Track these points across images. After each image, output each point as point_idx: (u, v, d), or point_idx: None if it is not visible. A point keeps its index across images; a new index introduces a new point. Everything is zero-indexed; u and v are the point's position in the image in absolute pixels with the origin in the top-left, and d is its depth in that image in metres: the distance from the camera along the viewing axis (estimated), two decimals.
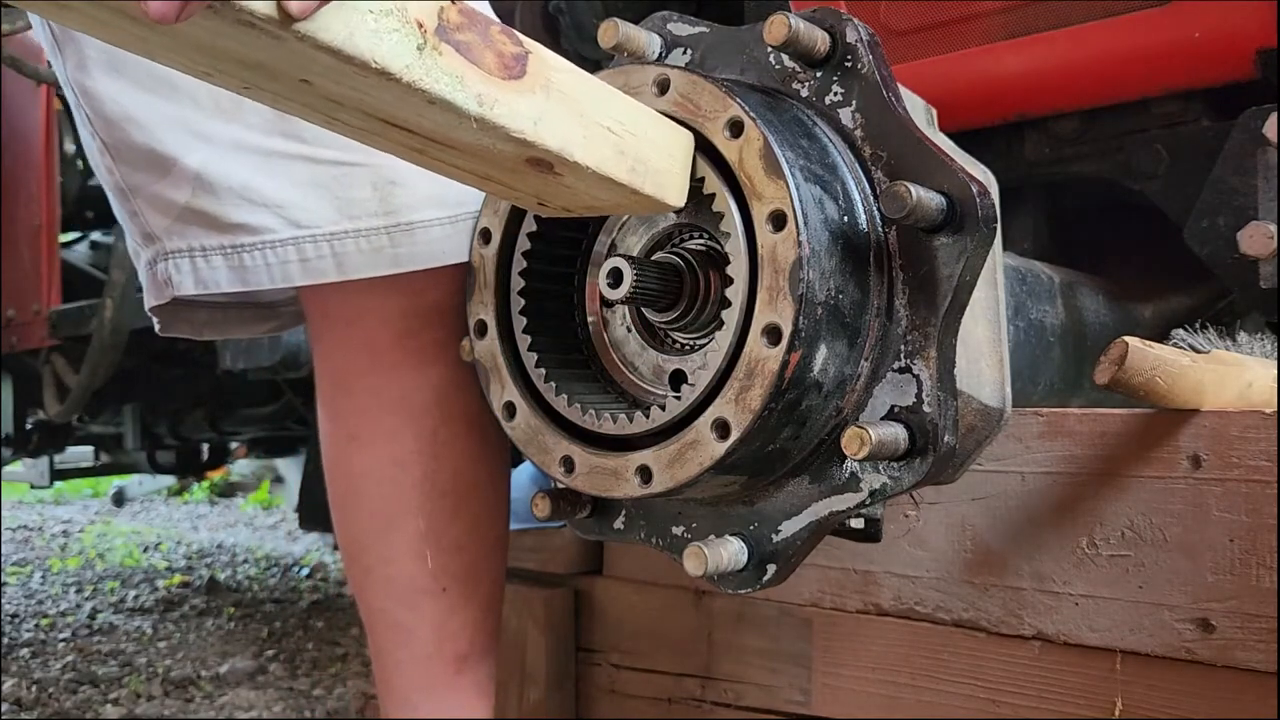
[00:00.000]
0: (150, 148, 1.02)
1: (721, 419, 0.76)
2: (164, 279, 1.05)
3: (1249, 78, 1.18)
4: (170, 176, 1.02)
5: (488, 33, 0.68)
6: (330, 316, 1.08)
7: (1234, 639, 0.93)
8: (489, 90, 0.67)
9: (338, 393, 1.11)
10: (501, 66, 0.68)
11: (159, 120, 1.01)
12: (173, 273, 1.04)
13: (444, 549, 1.09)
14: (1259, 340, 1.07)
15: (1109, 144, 1.32)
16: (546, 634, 1.37)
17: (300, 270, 1.01)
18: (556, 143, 0.70)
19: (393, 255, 1.00)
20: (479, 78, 0.66)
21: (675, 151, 0.78)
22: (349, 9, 0.60)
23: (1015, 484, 1.05)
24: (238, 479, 6.54)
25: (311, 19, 0.59)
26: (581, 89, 0.73)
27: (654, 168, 0.76)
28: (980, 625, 1.07)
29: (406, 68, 0.63)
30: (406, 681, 1.11)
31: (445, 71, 0.64)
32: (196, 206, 1.02)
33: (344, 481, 1.11)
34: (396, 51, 0.62)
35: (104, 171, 1.08)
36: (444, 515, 1.09)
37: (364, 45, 0.61)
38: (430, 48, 0.64)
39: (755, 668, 1.23)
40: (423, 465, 1.07)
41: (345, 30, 0.60)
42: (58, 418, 2.94)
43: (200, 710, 2.39)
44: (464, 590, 1.10)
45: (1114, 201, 1.43)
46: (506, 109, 0.67)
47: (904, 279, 0.78)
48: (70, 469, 4.19)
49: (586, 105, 0.72)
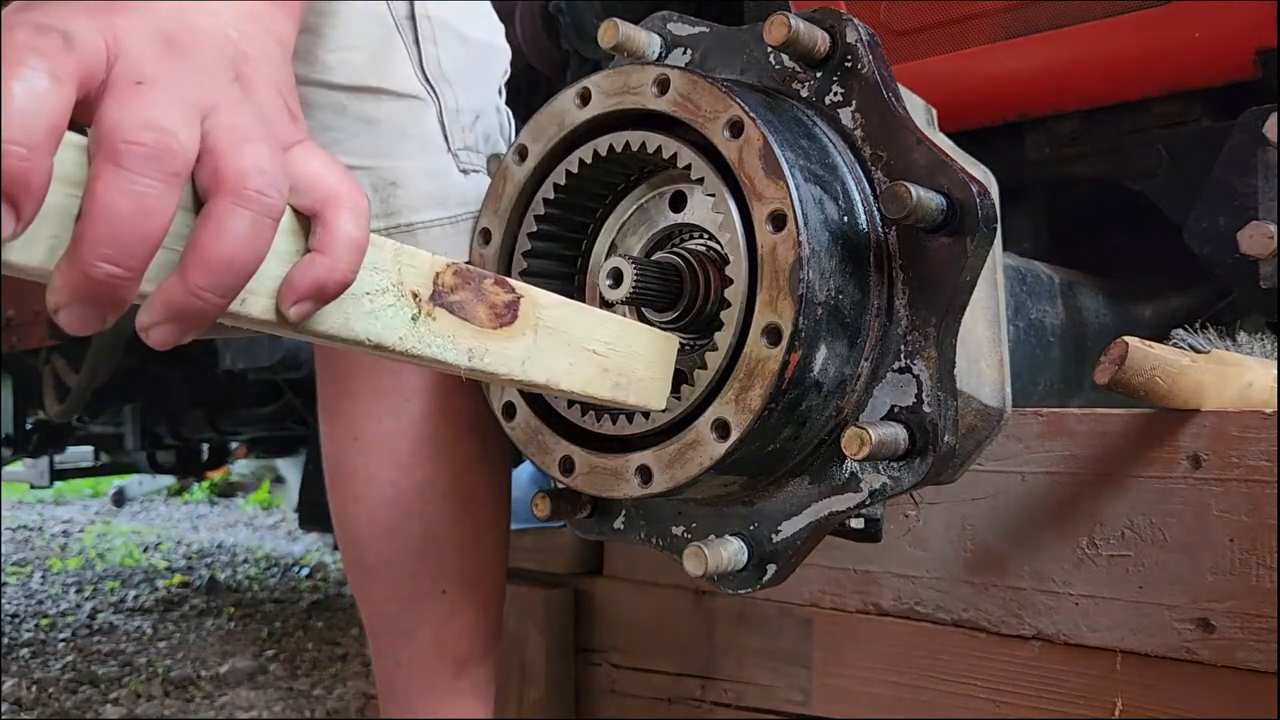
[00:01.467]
0: None
1: (721, 419, 0.76)
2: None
3: (1249, 78, 1.18)
4: None
5: (481, 288, 0.69)
6: None
7: (1234, 639, 0.93)
8: (479, 343, 0.69)
9: (340, 394, 1.11)
10: (493, 317, 0.70)
11: None
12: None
13: (445, 551, 1.09)
14: (1259, 340, 1.07)
15: (1109, 144, 1.32)
16: (546, 634, 1.37)
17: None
18: (543, 377, 0.73)
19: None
20: (471, 333, 0.68)
21: (658, 359, 0.81)
22: (348, 297, 0.62)
23: (1015, 484, 1.05)
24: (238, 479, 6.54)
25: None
26: (569, 320, 0.75)
27: (637, 378, 0.79)
28: (980, 625, 1.07)
29: (400, 339, 0.65)
30: (407, 683, 1.11)
31: (437, 335, 0.66)
32: None
33: (345, 482, 1.11)
34: (391, 325, 0.64)
35: None
36: (445, 517, 1.09)
37: (359, 328, 0.63)
38: (425, 315, 0.66)
39: (755, 668, 1.23)
40: (424, 468, 1.08)
41: (342, 318, 0.62)
42: (58, 418, 2.93)
43: (200, 710, 2.39)
44: (465, 592, 1.10)
45: (1114, 201, 1.43)
46: (496, 357, 0.70)
47: (904, 279, 0.78)
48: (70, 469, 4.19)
49: (574, 334, 0.75)
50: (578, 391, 0.75)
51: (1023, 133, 1.36)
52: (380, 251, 0.64)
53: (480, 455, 1.10)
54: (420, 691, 1.11)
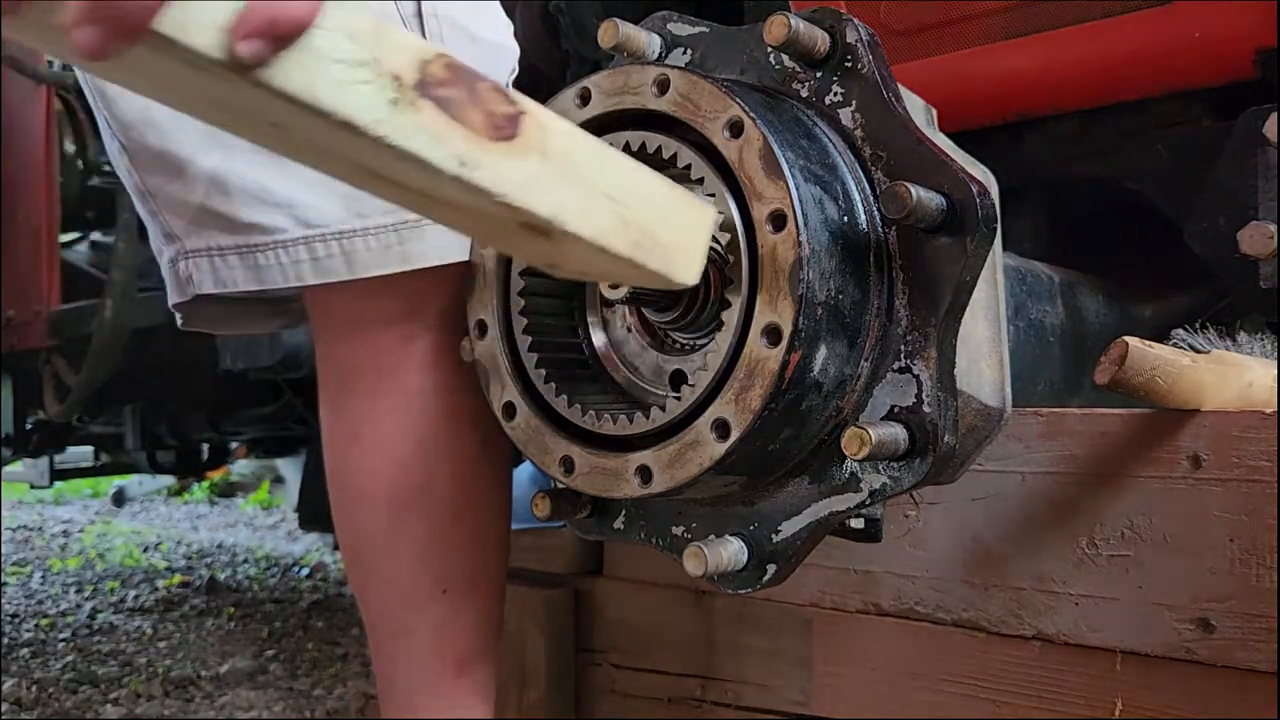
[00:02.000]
0: (166, 149, 1.03)
1: (721, 419, 0.76)
2: (185, 277, 1.07)
3: (1249, 78, 1.18)
4: (185, 178, 1.03)
5: (475, 89, 0.63)
6: (335, 316, 1.09)
7: (1234, 639, 0.93)
8: (472, 150, 0.62)
9: (341, 393, 1.11)
10: (490, 126, 0.63)
11: (174, 123, 1.02)
12: (193, 271, 1.06)
13: (446, 551, 1.09)
14: (1259, 340, 1.07)
15: (1109, 144, 1.32)
16: (546, 634, 1.37)
17: (312, 269, 1.02)
18: (547, 210, 0.65)
19: (401, 253, 1.01)
20: (461, 136, 0.61)
21: (692, 226, 0.72)
22: (314, 57, 0.57)
23: (1015, 484, 1.05)
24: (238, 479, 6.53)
25: (270, 64, 0.56)
26: (584, 154, 0.68)
27: (662, 241, 0.70)
28: (980, 625, 1.07)
29: (375, 122, 0.58)
30: (407, 683, 1.11)
31: (420, 129, 0.60)
32: (211, 207, 1.03)
33: (346, 482, 1.11)
34: (365, 105, 0.58)
35: (125, 173, 1.10)
36: (446, 518, 1.09)
37: (325, 95, 0.57)
38: (406, 103, 0.59)
39: (755, 668, 1.23)
40: (425, 468, 1.08)
41: (306, 79, 0.57)
42: (58, 418, 2.93)
43: (200, 710, 2.39)
44: (465, 592, 1.10)
45: (1114, 201, 1.43)
46: (490, 171, 0.62)
47: (904, 279, 0.78)
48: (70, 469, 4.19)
49: (589, 171, 0.67)
50: (590, 237, 0.66)
51: (1023, 133, 1.36)
52: (357, 18, 0.58)
53: (481, 456, 1.10)
54: (421, 691, 1.11)
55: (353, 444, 1.10)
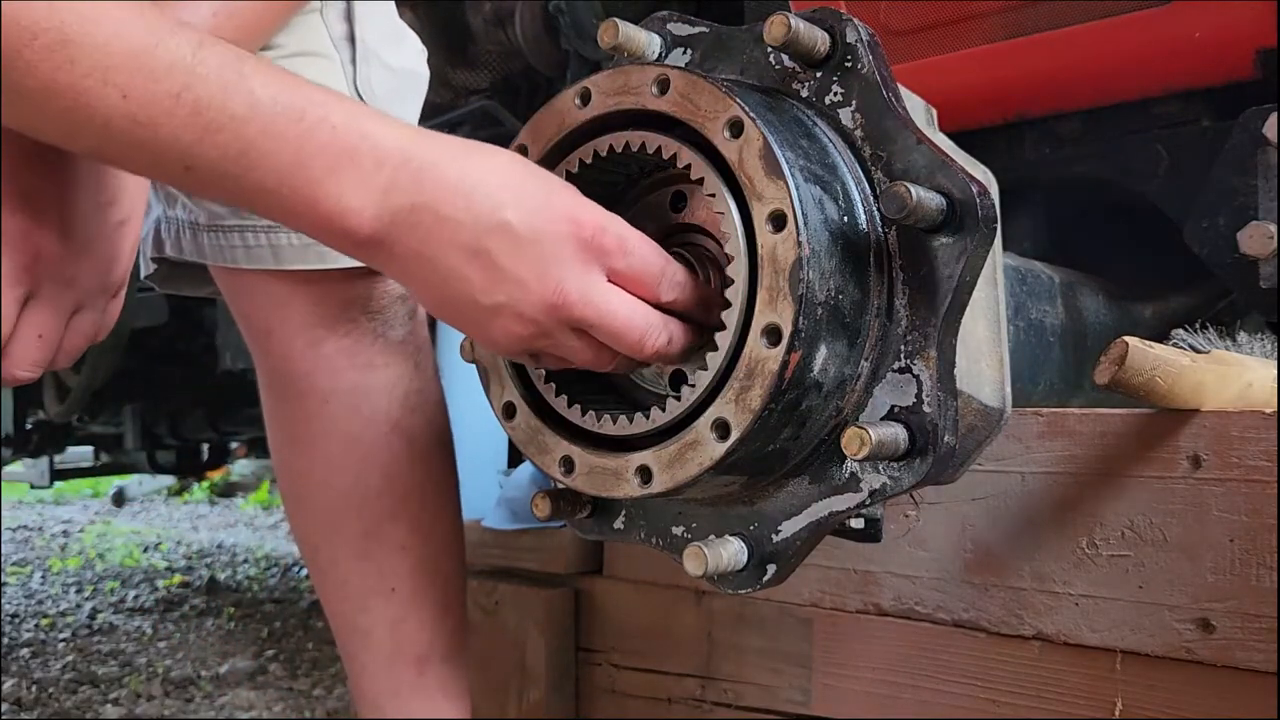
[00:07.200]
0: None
1: (721, 419, 0.76)
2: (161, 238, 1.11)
3: (1249, 78, 1.18)
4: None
5: None
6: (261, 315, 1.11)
7: (1234, 639, 0.93)
8: None
9: (272, 396, 1.14)
10: None
11: None
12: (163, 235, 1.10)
13: (387, 550, 1.11)
14: (1259, 340, 1.07)
15: (1109, 144, 1.32)
16: (546, 634, 1.37)
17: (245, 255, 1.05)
18: None
19: (318, 251, 1.03)
20: None
21: None
22: None
23: (1015, 484, 1.05)
24: (238, 479, 6.54)
25: None
26: None
27: None
28: (980, 625, 1.07)
29: None
30: (372, 685, 1.13)
31: None
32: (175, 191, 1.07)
33: (288, 484, 1.15)
34: None
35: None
36: (381, 517, 1.10)
37: None
38: None
39: (755, 668, 1.23)
40: (352, 469, 1.10)
41: None
42: (58, 418, 2.94)
43: (200, 710, 2.39)
44: (417, 591, 1.11)
45: (1114, 201, 1.43)
46: None
47: (904, 279, 0.78)
48: (70, 469, 4.20)
49: None
50: None
51: (1023, 133, 1.36)
52: None
53: (408, 456, 1.11)
54: (385, 692, 1.12)
55: (289, 446, 1.13)
